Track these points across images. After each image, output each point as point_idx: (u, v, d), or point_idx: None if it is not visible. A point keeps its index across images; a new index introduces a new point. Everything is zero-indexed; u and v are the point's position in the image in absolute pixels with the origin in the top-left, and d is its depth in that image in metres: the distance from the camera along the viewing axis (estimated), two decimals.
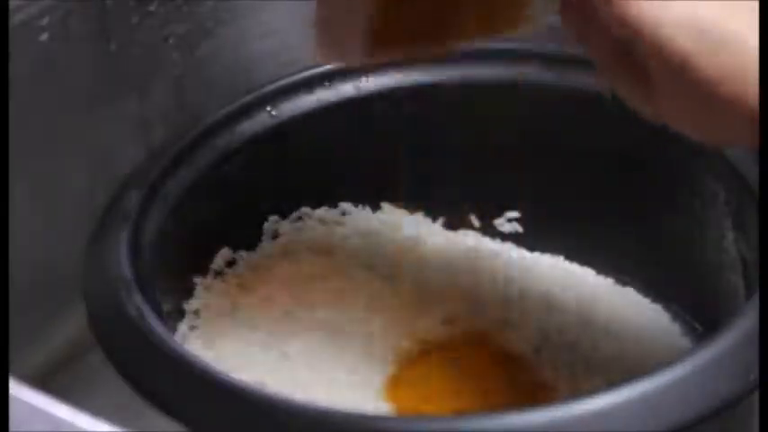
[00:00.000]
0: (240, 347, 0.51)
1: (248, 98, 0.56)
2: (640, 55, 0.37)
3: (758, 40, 0.35)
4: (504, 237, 0.60)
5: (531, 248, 0.59)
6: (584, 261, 0.58)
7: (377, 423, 0.39)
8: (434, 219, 0.60)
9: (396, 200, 0.60)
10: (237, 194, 0.56)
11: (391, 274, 0.55)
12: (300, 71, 0.57)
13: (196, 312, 0.53)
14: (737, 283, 0.51)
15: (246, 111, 0.56)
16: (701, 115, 0.37)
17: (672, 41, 0.35)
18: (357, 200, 0.59)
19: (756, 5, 0.36)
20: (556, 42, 0.57)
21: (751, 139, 0.36)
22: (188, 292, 0.53)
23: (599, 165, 0.57)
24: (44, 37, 0.56)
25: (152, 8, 0.61)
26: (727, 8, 0.36)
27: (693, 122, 0.38)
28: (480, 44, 0.57)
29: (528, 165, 0.58)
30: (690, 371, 0.39)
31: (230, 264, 0.56)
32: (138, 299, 0.45)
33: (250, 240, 0.57)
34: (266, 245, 0.57)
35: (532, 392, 0.49)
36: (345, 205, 0.59)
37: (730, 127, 0.37)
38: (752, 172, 0.49)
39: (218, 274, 0.55)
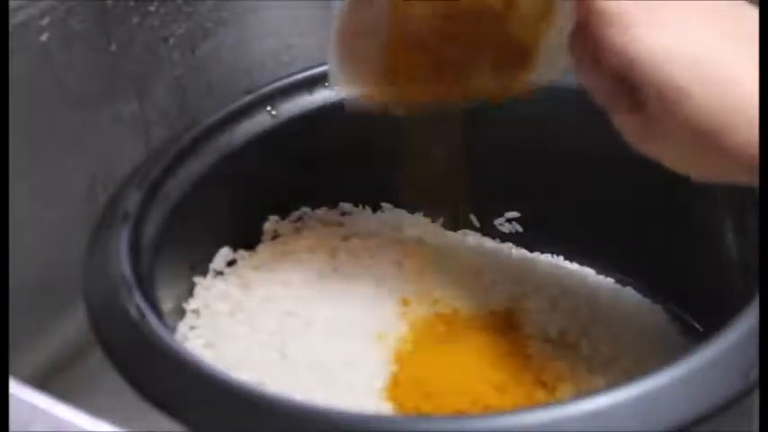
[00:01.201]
0: (240, 347, 0.51)
1: (248, 98, 0.56)
2: (637, 86, 0.37)
3: (754, 76, 0.35)
4: (504, 237, 0.60)
5: (531, 248, 0.59)
6: (584, 261, 0.58)
7: (377, 423, 0.39)
8: (434, 219, 0.60)
9: (396, 200, 0.60)
10: (237, 194, 0.56)
11: (391, 274, 0.55)
12: (300, 71, 0.58)
13: (196, 312, 0.53)
14: (737, 283, 0.51)
15: (246, 111, 0.56)
16: (695, 151, 0.37)
17: (666, 70, 0.36)
18: (357, 200, 0.59)
19: (753, 35, 0.36)
20: None
21: (748, 177, 0.36)
22: (188, 292, 0.53)
23: (599, 165, 0.57)
24: (44, 37, 0.56)
25: (152, 8, 0.61)
26: (720, 40, 0.36)
27: (687, 159, 0.38)
28: None
29: (528, 165, 0.58)
30: (690, 371, 0.39)
31: (230, 264, 0.56)
32: (138, 299, 0.45)
33: (250, 240, 0.57)
34: (266, 245, 0.57)
35: (532, 392, 0.49)
36: (345, 205, 0.59)
37: (724, 165, 0.37)
38: None
39: (219, 273, 0.55)
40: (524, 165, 0.58)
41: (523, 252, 0.59)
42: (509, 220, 0.60)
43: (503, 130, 0.58)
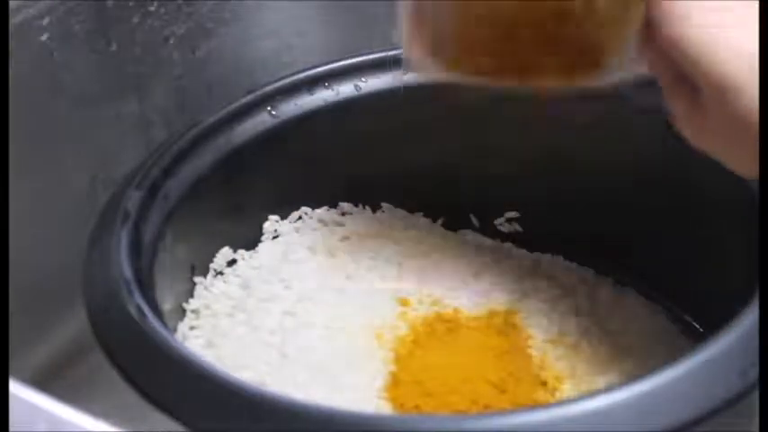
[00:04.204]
0: (240, 347, 0.51)
1: (248, 98, 0.56)
2: (694, 80, 0.38)
3: None
4: (504, 237, 0.60)
5: (531, 248, 0.59)
6: (584, 261, 0.58)
7: (377, 423, 0.39)
8: (434, 219, 0.60)
9: (396, 200, 0.60)
10: (237, 194, 0.56)
11: (391, 274, 0.55)
12: (300, 71, 0.58)
13: (196, 312, 0.53)
14: (737, 283, 0.51)
15: (246, 111, 0.56)
16: (749, 147, 0.37)
17: (726, 69, 0.36)
18: (357, 200, 0.59)
19: None
20: None
21: None
22: (188, 292, 0.53)
23: (599, 165, 0.57)
24: (44, 37, 0.56)
25: (152, 8, 0.61)
26: None
27: (740, 155, 0.39)
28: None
29: (528, 165, 0.58)
30: (690, 371, 0.39)
31: (230, 264, 0.56)
32: (138, 299, 0.45)
33: (250, 240, 0.57)
34: (266, 245, 0.57)
35: (532, 392, 0.49)
36: (345, 205, 0.59)
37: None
38: None
39: (219, 273, 0.55)
40: (524, 164, 0.58)
41: (523, 252, 0.59)
42: (509, 220, 0.60)
43: (502, 130, 0.58)
